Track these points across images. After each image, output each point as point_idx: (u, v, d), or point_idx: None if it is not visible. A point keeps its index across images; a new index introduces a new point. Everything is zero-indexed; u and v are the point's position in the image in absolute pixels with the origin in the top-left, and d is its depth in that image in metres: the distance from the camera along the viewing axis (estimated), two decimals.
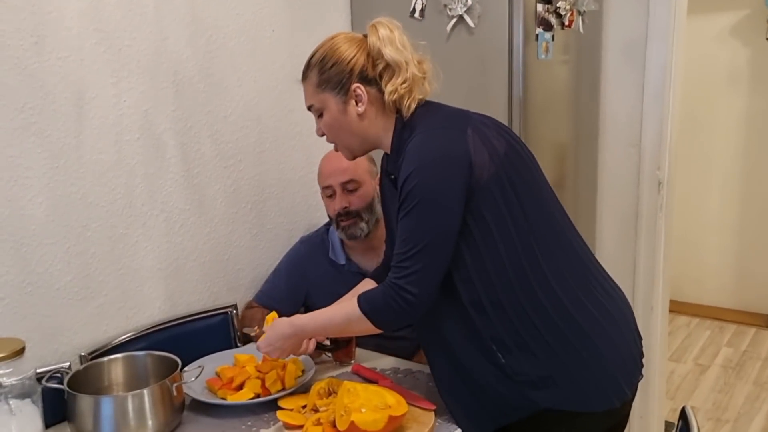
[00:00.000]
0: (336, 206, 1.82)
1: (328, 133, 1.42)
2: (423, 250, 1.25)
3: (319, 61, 1.37)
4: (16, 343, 1.26)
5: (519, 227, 1.28)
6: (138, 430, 1.34)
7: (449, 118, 1.35)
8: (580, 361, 1.28)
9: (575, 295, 1.30)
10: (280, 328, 1.46)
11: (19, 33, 1.41)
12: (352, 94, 1.35)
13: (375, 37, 1.34)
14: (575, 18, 2.19)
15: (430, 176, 1.25)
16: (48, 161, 1.49)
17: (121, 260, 1.65)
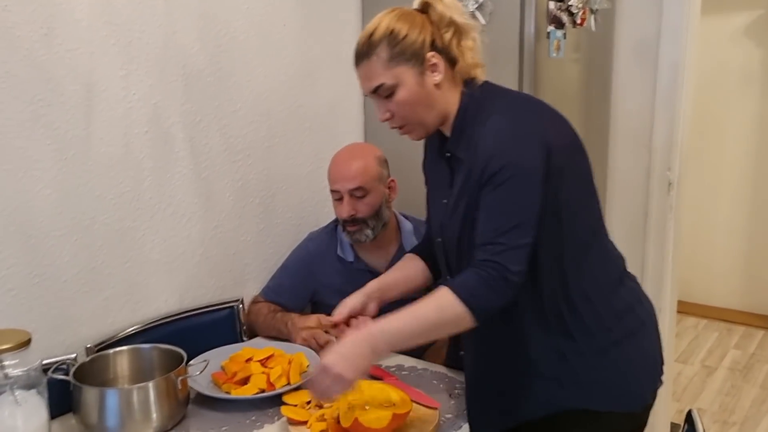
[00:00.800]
0: (343, 213, 1.81)
1: (403, 110, 1.32)
2: (519, 225, 1.21)
3: (386, 35, 1.28)
4: (23, 335, 1.26)
5: (573, 221, 1.29)
6: (143, 423, 1.34)
7: (529, 102, 1.36)
8: (607, 362, 1.29)
9: (616, 295, 1.33)
10: (351, 337, 1.24)
11: (29, 24, 1.41)
12: (428, 63, 1.28)
13: (441, 5, 1.30)
14: (587, 16, 2.17)
15: (518, 154, 1.22)
16: (57, 153, 1.49)
17: (128, 253, 1.66)
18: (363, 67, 1.32)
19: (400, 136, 2.04)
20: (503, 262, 1.20)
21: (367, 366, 1.23)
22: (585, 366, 1.29)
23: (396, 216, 1.95)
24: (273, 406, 1.45)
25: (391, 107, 1.32)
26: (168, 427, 1.38)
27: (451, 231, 1.35)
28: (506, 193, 1.22)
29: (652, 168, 2.48)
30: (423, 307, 1.23)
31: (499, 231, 1.21)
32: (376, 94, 1.32)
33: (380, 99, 1.32)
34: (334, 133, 2.17)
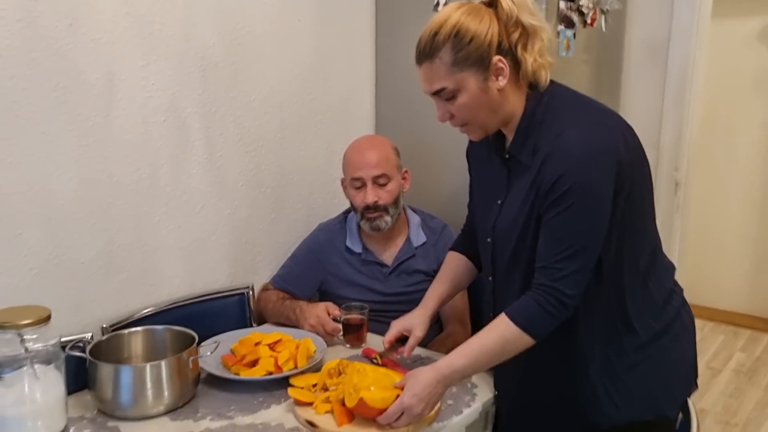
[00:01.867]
0: (367, 199, 1.85)
1: (464, 114, 1.29)
2: (580, 251, 1.21)
3: (451, 37, 1.22)
4: (42, 311, 1.32)
5: (631, 236, 1.28)
6: (155, 400, 1.39)
7: (602, 113, 1.29)
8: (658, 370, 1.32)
9: (669, 305, 1.35)
10: (424, 377, 1.30)
11: (55, 15, 1.47)
12: (493, 68, 1.24)
13: (509, 2, 1.23)
14: (598, 16, 2.20)
15: (590, 175, 1.19)
16: (78, 139, 1.55)
17: (143, 238, 1.71)
18: (424, 68, 1.27)
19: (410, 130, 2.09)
20: (560, 288, 1.22)
21: (442, 398, 1.34)
22: (635, 378, 1.31)
23: (405, 209, 2.00)
24: (280, 388, 1.50)
25: (451, 109, 1.29)
26: (179, 404, 1.43)
27: (506, 236, 1.34)
28: (571, 218, 1.21)
29: (659, 168, 2.50)
30: (487, 340, 1.28)
31: (560, 256, 1.22)
32: (436, 96, 1.29)
33: (440, 101, 1.29)
34: (346, 127, 2.21)
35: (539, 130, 1.27)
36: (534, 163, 1.26)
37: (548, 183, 1.22)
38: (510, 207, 1.32)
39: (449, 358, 1.31)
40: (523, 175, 1.29)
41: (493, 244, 1.39)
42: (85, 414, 1.42)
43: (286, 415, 1.41)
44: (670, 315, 1.35)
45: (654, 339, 1.33)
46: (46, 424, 1.30)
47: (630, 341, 1.32)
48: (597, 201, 1.20)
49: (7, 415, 1.27)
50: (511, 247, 1.33)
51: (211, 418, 1.40)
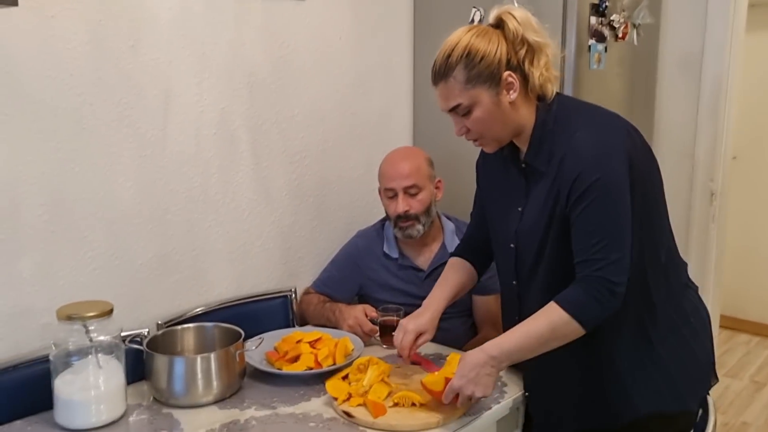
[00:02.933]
0: (398, 209, 1.94)
1: (479, 127, 1.38)
2: (615, 239, 1.27)
3: (463, 57, 1.32)
4: (106, 305, 1.45)
5: (651, 229, 1.35)
6: (205, 389, 1.51)
7: (607, 115, 1.39)
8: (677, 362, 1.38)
9: (685, 298, 1.42)
10: (472, 358, 1.37)
11: (119, 37, 1.62)
12: (503, 83, 1.33)
13: (515, 23, 1.32)
14: (629, 30, 2.26)
15: (607, 169, 1.27)
16: (137, 151, 1.69)
17: (195, 242, 1.84)
18: (440, 87, 1.37)
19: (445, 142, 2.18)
20: (606, 276, 1.27)
21: (494, 382, 1.38)
22: (660, 370, 1.37)
23: (439, 216, 2.08)
24: (319, 382, 1.59)
25: (467, 124, 1.38)
26: (226, 395, 1.54)
27: (529, 240, 1.41)
28: (598, 211, 1.28)
29: (694, 178, 2.53)
30: (536, 325, 1.33)
31: (598, 246, 1.28)
32: (452, 112, 1.39)
33: (457, 116, 1.39)
34: (384, 139, 2.32)
35: (552, 137, 1.36)
36: (550, 169, 1.35)
37: (568, 184, 1.30)
38: (531, 212, 1.40)
39: (497, 339, 1.37)
40: (541, 181, 1.37)
41: (516, 249, 1.46)
42: (142, 402, 1.54)
43: (324, 407, 1.50)
44: (688, 309, 1.41)
45: (675, 332, 1.38)
46: (108, 408, 1.43)
47: (655, 334, 1.37)
48: (618, 192, 1.28)
49: (74, 400, 1.40)
50: (534, 249, 1.40)
51: (256, 408, 1.50)
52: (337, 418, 1.45)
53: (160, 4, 1.68)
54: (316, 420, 1.44)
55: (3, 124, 1.46)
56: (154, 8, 1.67)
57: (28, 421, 1.45)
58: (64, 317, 1.40)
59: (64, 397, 1.40)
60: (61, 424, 1.41)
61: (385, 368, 1.56)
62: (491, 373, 1.36)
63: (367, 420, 1.41)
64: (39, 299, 1.55)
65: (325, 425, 1.42)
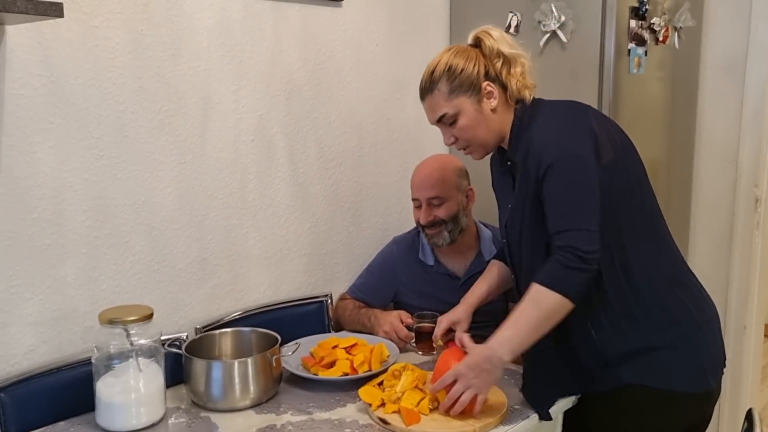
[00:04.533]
0: (421, 219, 1.96)
1: (465, 135, 1.50)
2: (579, 207, 1.36)
3: (445, 71, 1.48)
4: (146, 309, 1.47)
5: (627, 212, 1.43)
6: (242, 394, 1.52)
7: (571, 103, 1.51)
8: (668, 342, 1.43)
9: (668, 284, 1.47)
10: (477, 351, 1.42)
11: (160, 46, 1.65)
12: (484, 92, 1.47)
13: (491, 40, 1.49)
14: (670, 34, 2.22)
15: (565, 143, 1.38)
16: (177, 157, 1.72)
17: (233, 247, 1.86)
18: (427, 101, 1.53)
19: None
20: (575, 245, 1.34)
21: (497, 376, 1.42)
22: (647, 346, 1.43)
23: (476, 224, 2.07)
24: (355, 388, 1.58)
25: (454, 132, 1.51)
26: (263, 399, 1.56)
27: (514, 231, 1.52)
28: (564, 181, 1.37)
29: (738, 184, 2.47)
30: (522, 309, 1.38)
31: (565, 218, 1.37)
32: (440, 123, 1.52)
33: (445, 126, 1.52)
34: (420, 145, 2.32)
35: (522, 132, 1.48)
36: (522, 159, 1.44)
37: (535, 164, 1.39)
38: (516, 207, 1.50)
39: (496, 336, 1.40)
40: (519, 175, 1.47)
41: (508, 244, 1.58)
42: (180, 405, 1.56)
43: (360, 413, 1.50)
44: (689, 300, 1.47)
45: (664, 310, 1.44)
46: (148, 411, 1.45)
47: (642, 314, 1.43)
48: (578, 162, 1.36)
49: (115, 402, 1.42)
50: (516, 240, 1.51)
51: (292, 413, 1.51)
52: (372, 425, 1.45)
53: (199, 13, 1.71)
54: (352, 426, 1.45)
55: (49, 132, 1.49)
56: (193, 17, 1.70)
57: (70, 423, 1.48)
58: (106, 321, 1.42)
59: (106, 400, 1.43)
60: (103, 426, 1.44)
61: (420, 375, 1.56)
62: (491, 369, 1.39)
63: (402, 427, 1.40)
64: (82, 303, 1.58)
65: (361, 431, 1.42)
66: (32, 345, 1.52)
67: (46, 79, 1.48)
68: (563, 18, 2.06)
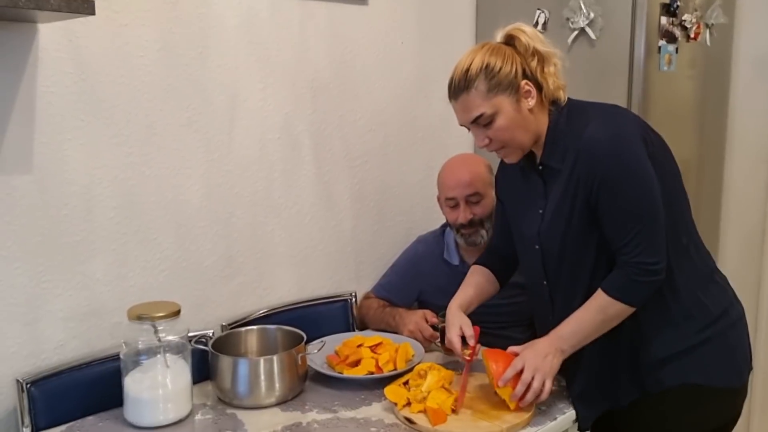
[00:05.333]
0: (460, 218, 1.92)
1: (502, 136, 1.43)
2: (644, 225, 1.35)
3: (482, 69, 1.40)
4: (174, 306, 1.48)
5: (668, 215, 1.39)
6: (268, 391, 1.52)
7: (615, 107, 1.49)
8: (705, 339, 1.42)
9: (704, 282, 1.47)
10: (539, 346, 1.45)
11: (188, 44, 1.66)
12: (522, 91, 1.41)
13: (525, 36, 1.43)
14: (702, 30, 2.18)
15: (621, 156, 1.35)
16: (204, 155, 1.73)
17: (258, 245, 1.87)
18: (461, 100, 1.44)
19: None
20: (644, 260, 1.35)
21: (557, 366, 1.44)
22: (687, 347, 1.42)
23: None
24: (380, 387, 1.58)
25: (489, 134, 1.44)
26: (288, 397, 1.56)
27: (552, 238, 1.47)
28: (624, 199, 1.35)
29: None
30: (588, 312, 1.42)
31: (630, 236, 1.36)
32: (474, 124, 1.44)
33: (479, 128, 1.44)
34: (445, 144, 2.30)
35: (564, 136, 1.43)
36: (565, 166, 1.41)
37: (587, 179, 1.37)
38: (551, 212, 1.45)
39: (558, 330, 1.45)
40: (558, 180, 1.43)
41: (541, 249, 1.50)
42: (206, 402, 1.57)
43: (385, 413, 1.50)
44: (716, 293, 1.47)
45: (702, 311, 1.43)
46: (175, 407, 1.46)
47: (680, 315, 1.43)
48: (640, 175, 1.35)
49: (143, 398, 1.43)
50: (557, 247, 1.46)
51: (317, 411, 1.51)
52: (398, 424, 1.44)
53: (227, 11, 1.72)
54: (378, 425, 1.44)
55: (79, 130, 1.51)
56: (221, 15, 1.71)
57: (99, 417, 1.49)
58: (135, 317, 1.44)
59: (134, 395, 1.44)
60: (131, 421, 1.45)
61: (445, 374, 1.55)
62: (554, 357, 1.43)
63: (428, 427, 1.39)
64: (110, 299, 1.60)
65: (387, 430, 1.42)
66: (62, 340, 1.54)
67: (77, 77, 1.49)
68: (592, 15, 2.03)
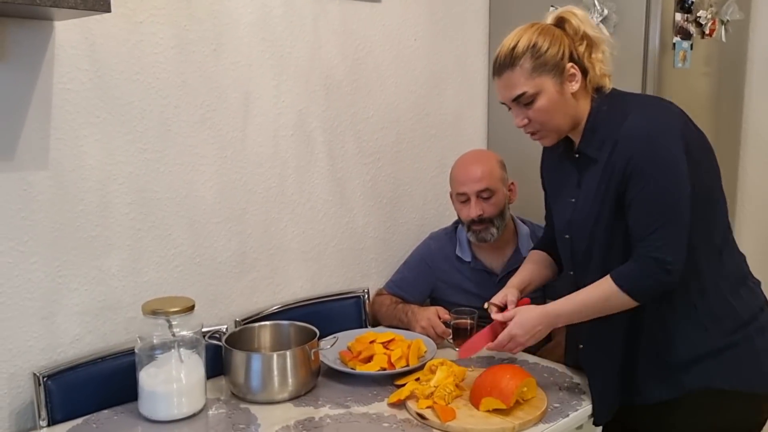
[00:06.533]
0: (471, 213, 1.92)
1: (541, 117, 1.42)
2: (670, 220, 1.33)
3: (529, 47, 1.39)
4: (188, 301, 1.49)
5: (702, 216, 1.37)
6: (281, 386, 1.53)
7: (659, 100, 1.47)
8: (732, 342, 1.40)
9: (734, 285, 1.43)
10: (532, 313, 1.48)
11: (203, 41, 1.67)
12: (567, 74, 1.40)
13: (576, 19, 1.41)
14: (717, 27, 2.16)
15: (661, 148, 1.33)
16: (218, 151, 1.74)
17: (272, 241, 1.88)
18: (505, 77, 1.42)
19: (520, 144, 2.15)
20: (660, 256, 1.33)
21: (544, 335, 1.49)
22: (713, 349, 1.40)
23: (513, 219, 2.05)
24: (393, 383, 1.59)
25: (529, 114, 1.42)
26: (301, 393, 1.56)
27: (582, 228, 1.46)
28: (652, 192, 1.33)
29: None
30: (590, 296, 1.42)
31: (652, 228, 1.33)
32: (515, 102, 1.43)
33: (519, 107, 1.43)
34: (458, 141, 2.30)
35: (604, 125, 1.41)
36: (601, 155, 1.39)
37: (621, 168, 1.35)
38: (583, 202, 1.44)
39: (556, 304, 1.47)
40: (592, 169, 1.42)
41: (570, 239, 1.50)
42: (220, 396, 1.58)
43: (397, 408, 1.50)
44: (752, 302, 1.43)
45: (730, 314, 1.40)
46: (189, 401, 1.47)
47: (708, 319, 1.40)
48: (672, 173, 1.32)
49: (157, 392, 1.45)
50: (586, 237, 1.45)
51: (330, 406, 1.52)
52: (410, 420, 1.45)
53: (241, 9, 1.73)
54: (390, 420, 1.44)
55: (95, 126, 1.52)
56: (235, 12, 1.72)
57: (114, 411, 1.51)
58: (149, 312, 1.45)
59: (148, 389, 1.45)
60: (145, 415, 1.46)
61: (456, 371, 1.55)
62: (543, 330, 1.48)
63: (440, 423, 1.40)
64: (125, 294, 1.61)
65: (399, 426, 1.42)
66: (78, 334, 1.55)
67: (92, 74, 1.51)
68: (606, 11, 2.02)
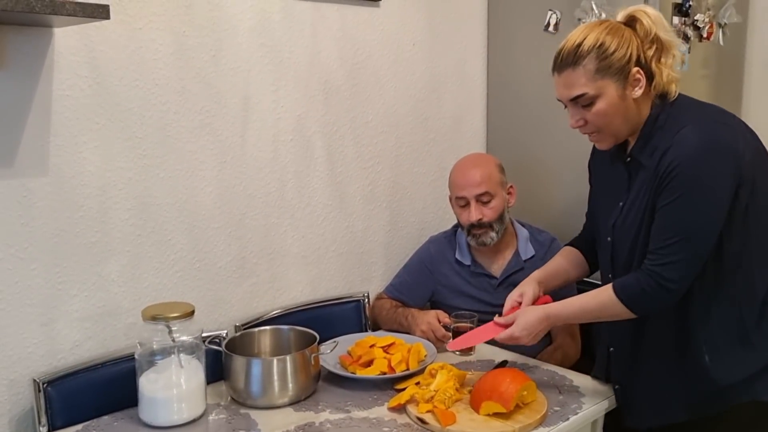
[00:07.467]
0: (470, 217, 1.92)
1: (599, 120, 1.37)
2: (686, 240, 1.29)
3: (595, 47, 1.33)
4: (188, 307, 1.49)
5: (759, 230, 1.35)
6: (281, 391, 1.53)
7: (723, 114, 1.39)
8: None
9: None
10: (534, 315, 1.49)
11: (202, 47, 1.67)
12: (631, 79, 1.34)
13: (648, 20, 1.34)
14: (715, 30, 2.17)
15: (704, 165, 1.28)
16: (218, 157, 1.74)
17: (272, 246, 1.88)
18: (566, 75, 1.37)
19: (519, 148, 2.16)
20: (663, 273, 1.31)
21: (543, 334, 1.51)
22: (762, 367, 1.37)
23: (512, 222, 2.05)
24: (393, 387, 1.59)
25: (586, 116, 1.38)
26: (301, 397, 1.56)
27: (625, 233, 1.43)
28: (679, 207, 1.30)
29: None
30: (590, 302, 1.44)
31: (664, 243, 1.31)
32: (573, 102, 1.38)
33: (576, 107, 1.38)
34: (457, 145, 2.31)
35: (660, 133, 1.36)
36: (652, 162, 1.35)
37: (663, 172, 1.31)
38: (630, 207, 1.41)
39: (557, 306, 1.49)
40: (642, 175, 1.38)
41: (612, 242, 1.48)
42: (220, 401, 1.58)
43: (398, 413, 1.50)
44: None
45: None
46: (189, 407, 1.47)
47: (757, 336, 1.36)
48: (706, 194, 1.28)
49: (157, 397, 1.45)
50: (629, 243, 1.42)
51: (330, 411, 1.52)
52: (410, 424, 1.45)
53: (240, 14, 1.73)
54: (390, 425, 1.44)
55: (95, 132, 1.53)
56: (234, 18, 1.72)
57: (114, 417, 1.51)
58: (149, 317, 1.45)
59: (148, 395, 1.45)
60: (145, 421, 1.46)
61: (456, 374, 1.55)
62: (543, 330, 1.50)
63: (440, 427, 1.40)
64: (125, 300, 1.62)
65: (399, 430, 1.42)
66: (78, 340, 1.56)
67: (92, 81, 1.51)
68: (604, 15, 2.02)
